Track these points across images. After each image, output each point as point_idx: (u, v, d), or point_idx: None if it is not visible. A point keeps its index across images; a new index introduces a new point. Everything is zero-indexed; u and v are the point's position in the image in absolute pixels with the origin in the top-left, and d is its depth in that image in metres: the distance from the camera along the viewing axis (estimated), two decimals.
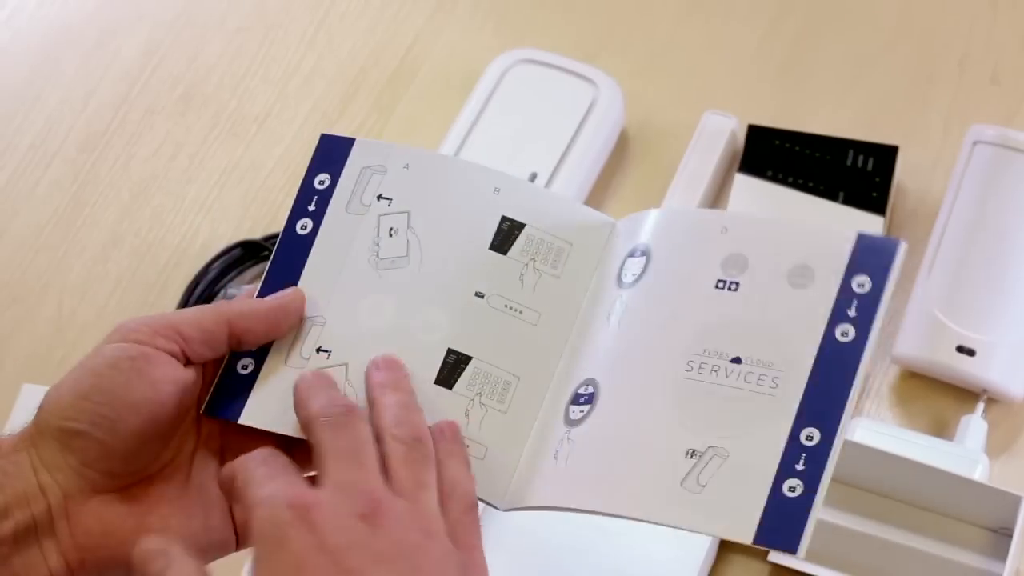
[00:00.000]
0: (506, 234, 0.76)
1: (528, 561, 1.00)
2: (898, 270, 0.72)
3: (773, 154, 1.17)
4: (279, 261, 0.77)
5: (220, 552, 0.73)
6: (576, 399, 0.73)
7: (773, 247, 0.73)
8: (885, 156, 1.16)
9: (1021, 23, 1.25)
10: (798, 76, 1.25)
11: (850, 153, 1.16)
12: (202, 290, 1.16)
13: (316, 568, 0.62)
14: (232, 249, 1.18)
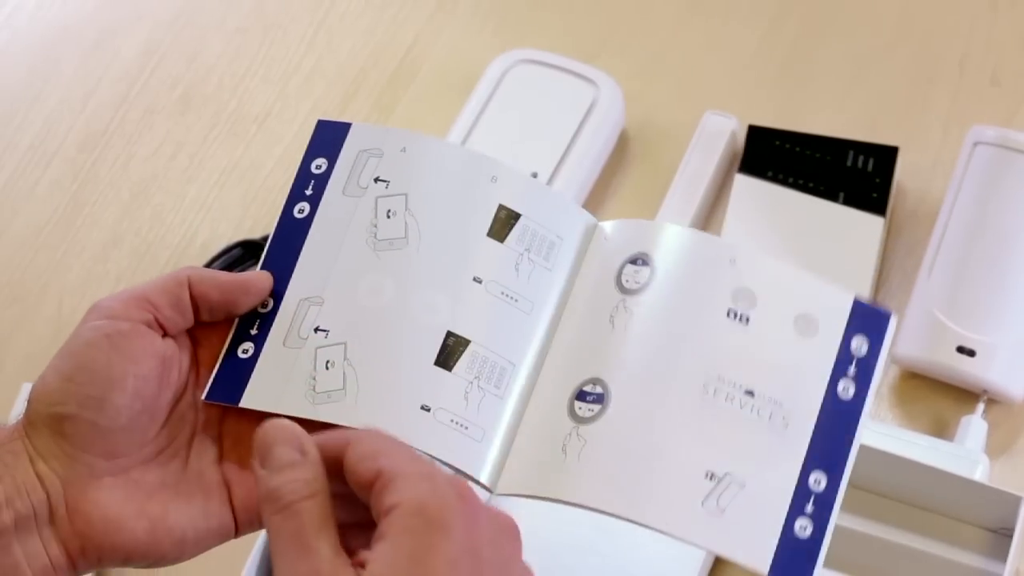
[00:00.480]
0: (503, 222, 0.77)
1: (527, 560, 1.00)
2: (890, 341, 0.75)
3: (773, 154, 1.17)
4: (276, 244, 0.77)
5: (219, 539, 0.72)
6: (582, 396, 0.74)
7: (780, 291, 0.75)
8: (885, 157, 1.16)
9: (1021, 24, 1.25)
10: (798, 77, 1.25)
11: (850, 154, 1.16)
12: None
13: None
14: (232, 249, 1.18)
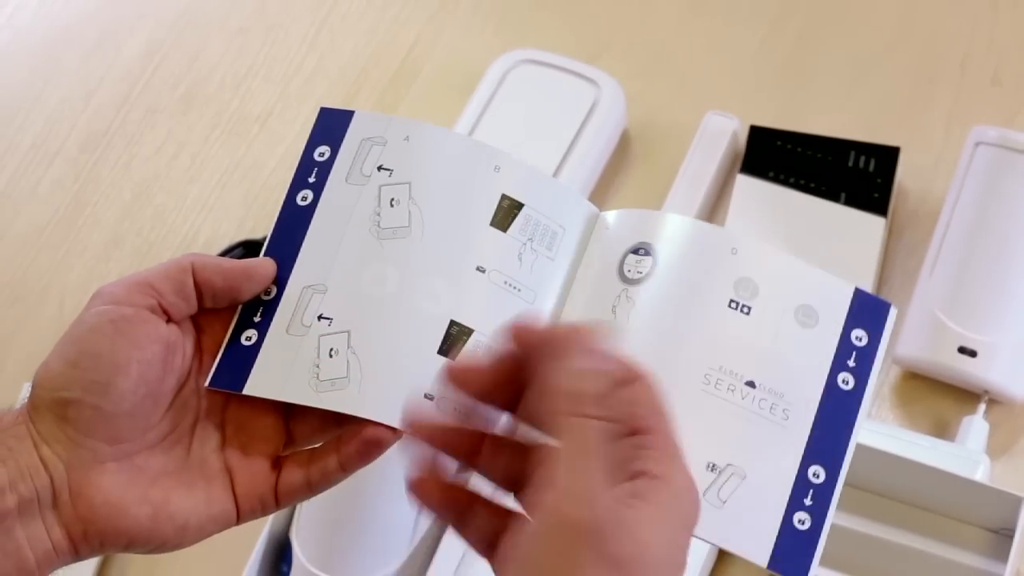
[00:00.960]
0: (506, 212, 0.77)
1: None
2: (890, 331, 0.75)
3: (775, 155, 1.17)
4: (279, 232, 0.77)
5: (221, 526, 0.73)
6: None
7: (781, 281, 0.76)
8: (887, 157, 1.16)
9: (1022, 24, 1.25)
10: (800, 77, 1.25)
11: (852, 154, 1.16)
12: None
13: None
14: (234, 248, 1.18)
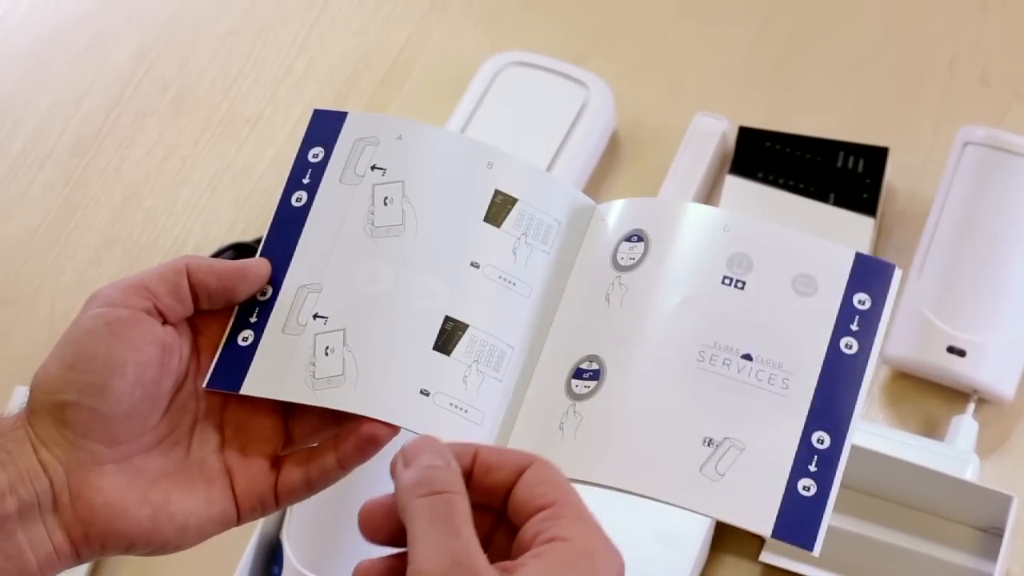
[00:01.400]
0: (499, 207, 0.77)
1: None
2: (895, 292, 0.75)
3: (764, 156, 1.17)
4: (274, 234, 0.77)
5: (221, 526, 0.73)
6: (579, 374, 0.74)
7: (776, 253, 0.76)
8: (875, 157, 1.16)
9: (1010, 24, 1.25)
10: (789, 78, 1.25)
11: (840, 155, 1.17)
12: None
13: None
14: (224, 251, 1.18)
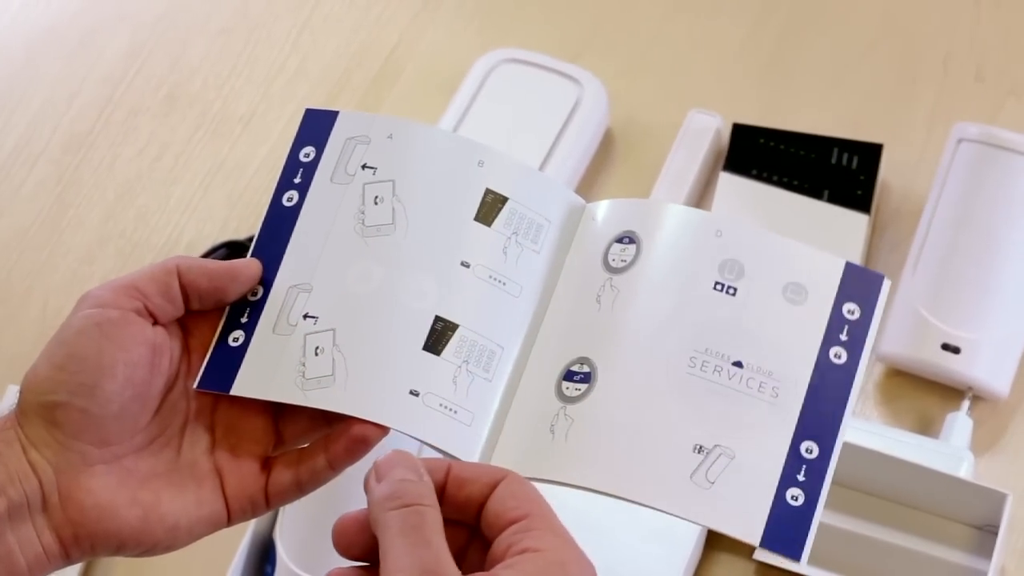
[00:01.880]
0: (490, 206, 0.77)
1: None
2: (884, 303, 0.75)
3: (758, 152, 1.17)
4: (265, 234, 0.77)
5: (212, 527, 0.73)
6: (570, 376, 0.74)
7: (768, 260, 0.75)
8: (870, 154, 1.16)
9: (1005, 21, 1.25)
10: (783, 74, 1.25)
11: (835, 151, 1.17)
12: None
13: None
14: (217, 249, 1.18)
